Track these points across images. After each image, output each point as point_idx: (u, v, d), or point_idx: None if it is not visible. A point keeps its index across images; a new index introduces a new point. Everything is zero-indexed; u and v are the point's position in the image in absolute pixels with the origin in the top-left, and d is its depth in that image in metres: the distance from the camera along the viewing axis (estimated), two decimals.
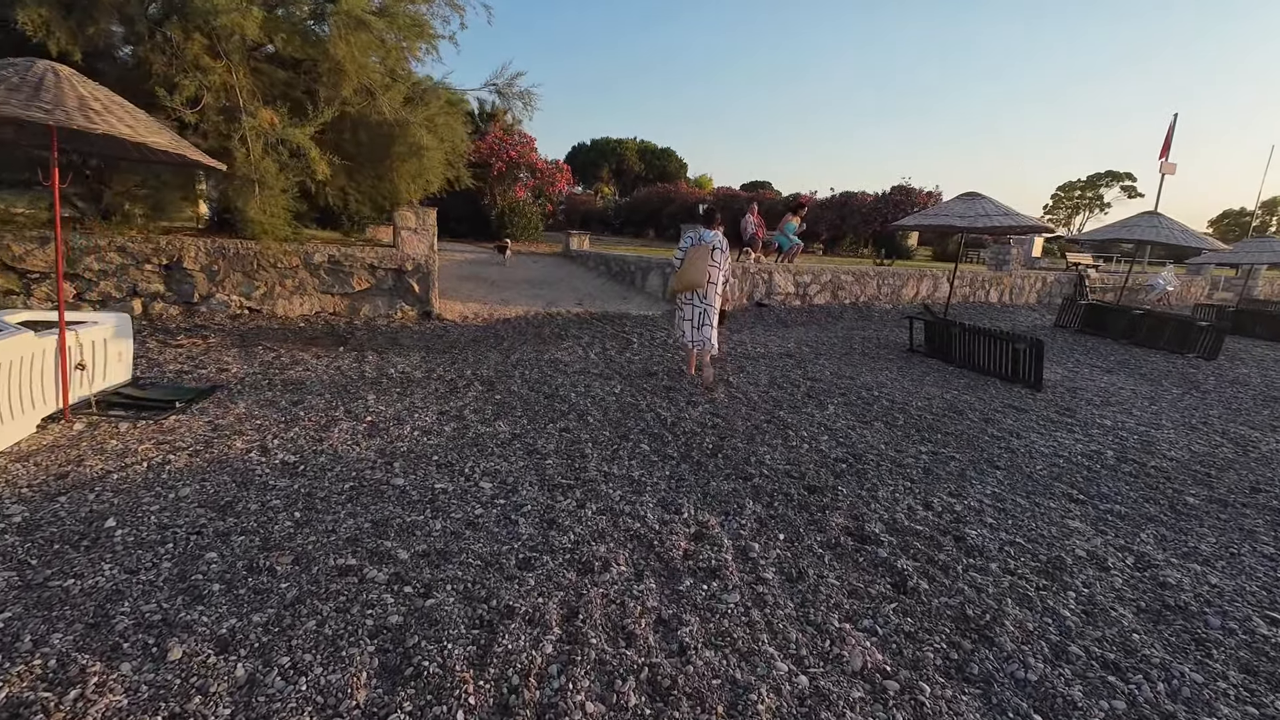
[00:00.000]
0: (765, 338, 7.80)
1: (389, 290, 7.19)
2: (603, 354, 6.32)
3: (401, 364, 5.37)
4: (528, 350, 6.26)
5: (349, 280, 6.92)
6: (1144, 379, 6.88)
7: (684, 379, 5.48)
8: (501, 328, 7.30)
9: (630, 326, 7.80)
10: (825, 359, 6.74)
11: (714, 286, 5.36)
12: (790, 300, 10.22)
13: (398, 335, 6.50)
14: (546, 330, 7.30)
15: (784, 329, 8.57)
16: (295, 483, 2.96)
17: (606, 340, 6.97)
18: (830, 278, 10.56)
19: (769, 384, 5.51)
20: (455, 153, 7.30)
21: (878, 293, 11.23)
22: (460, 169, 7.65)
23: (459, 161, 7.53)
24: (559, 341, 6.76)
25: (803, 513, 3.02)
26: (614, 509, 2.93)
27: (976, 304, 12.54)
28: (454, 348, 6.16)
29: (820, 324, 9.17)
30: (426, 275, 7.27)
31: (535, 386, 4.96)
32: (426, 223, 7.12)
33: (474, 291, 9.01)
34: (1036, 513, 3.17)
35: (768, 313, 9.55)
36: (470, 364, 5.55)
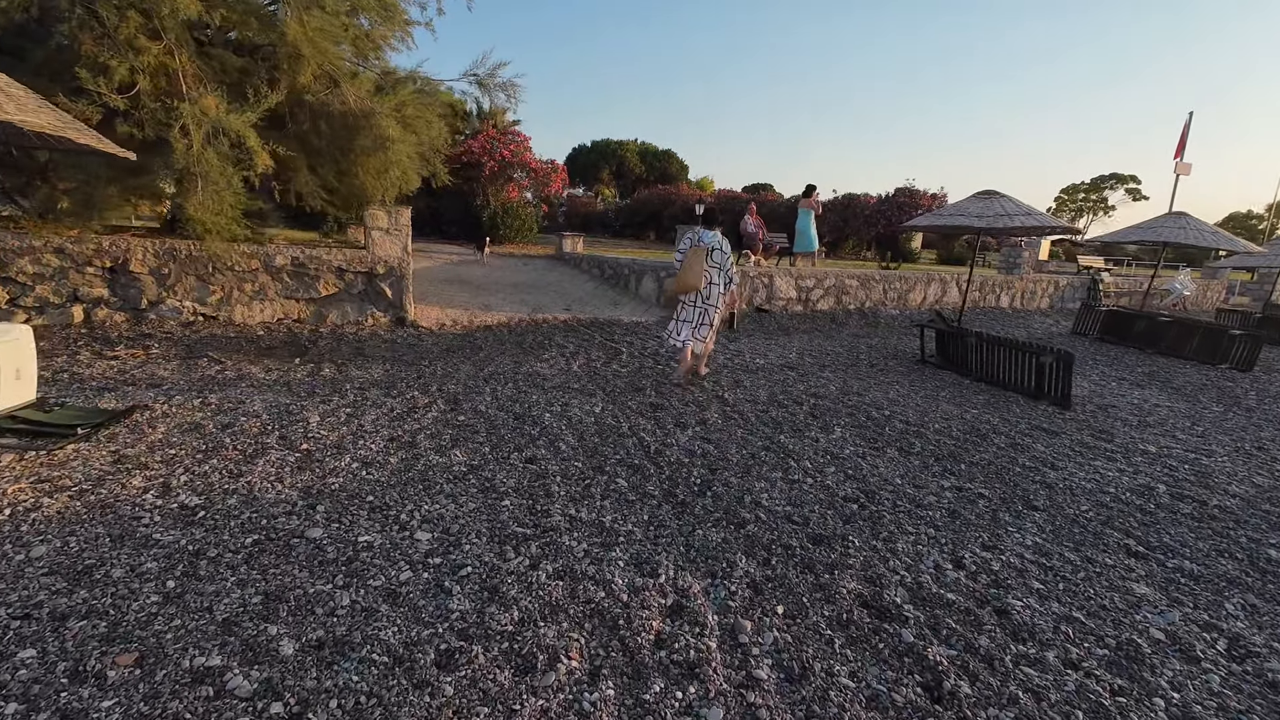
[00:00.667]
0: (765, 346, 7.26)
1: (359, 295, 6.66)
2: (587, 366, 5.78)
3: (360, 378, 4.84)
4: (505, 362, 5.72)
5: (314, 284, 6.40)
6: (1178, 394, 6.31)
7: (674, 393, 4.94)
8: (480, 336, 6.77)
9: (620, 335, 7.26)
10: (830, 371, 6.19)
11: (715, 287, 5.24)
12: (792, 305, 9.67)
13: (365, 344, 5.97)
14: (529, 339, 6.76)
15: (785, 336, 8.02)
16: (186, 536, 2.42)
17: (593, 350, 6.43)
18: (834, 282, 10.01)
19: (768, 401, 4.96)
20: (431, 148, 6.77)
21: (884, 298, 10.67)
22: (437, 165, 7.12)
23: (435, 157, 7.00)
24: (540, 352, 6.22)
25: (806, 573, 2.47)
26: (575, 570, 2.38)
27: (987, 309, 11.98)
28: (423, 359, 5.62)
29: (824, 331, 8.62)
30: (400, 279, 6.75)
31: (506, 405, 4.42)
32: (399, 223, 6.60)
33: (456, 296, 8.48)
34: (1091, 572, 2.61)
35: (768, 319, 9.00)
36: (437, 378, 5.02)
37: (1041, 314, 12.44)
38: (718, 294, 5.28)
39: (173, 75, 4.71)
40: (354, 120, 5.65)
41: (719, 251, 5.29)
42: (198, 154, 4.38)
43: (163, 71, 4.61)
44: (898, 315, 10.20)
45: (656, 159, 41.99)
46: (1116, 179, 65.00)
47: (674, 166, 41.92)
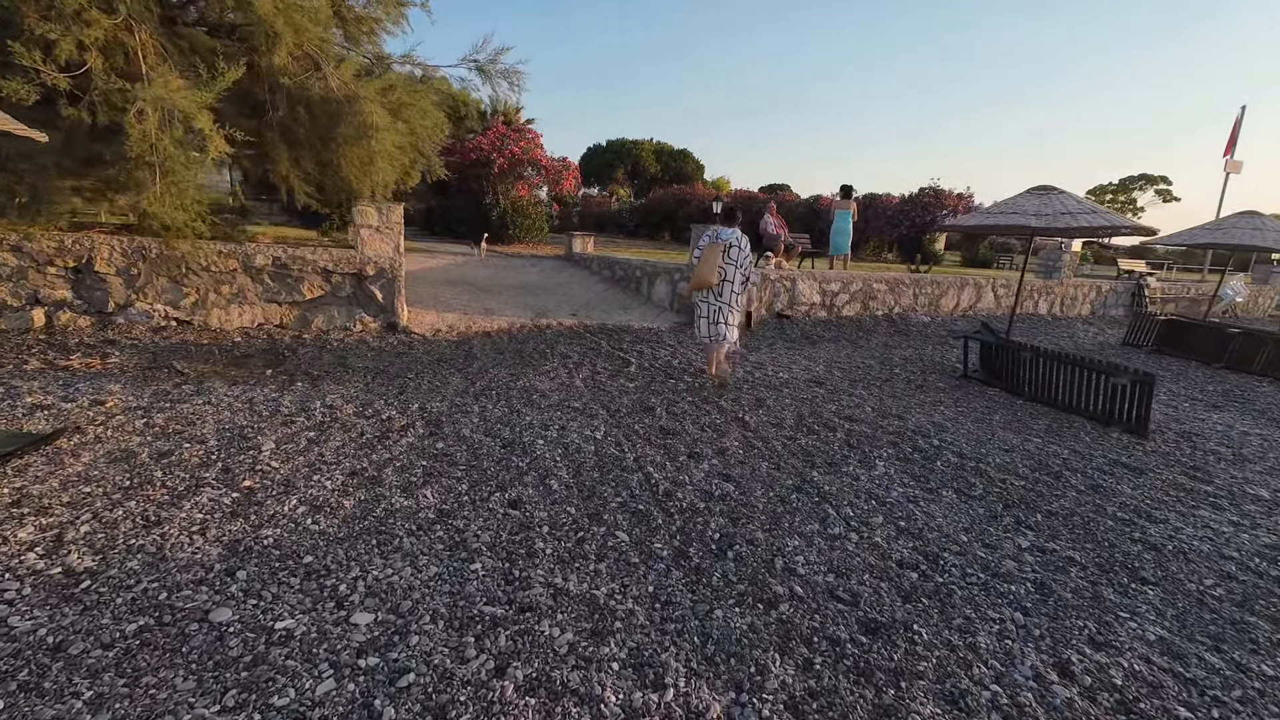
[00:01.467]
0: (789, 358, 6.60)
1: (347, 298, 6.14)
2: (591, 379, 5.19)
3: (334, 395, 4.30)
4: (500, 374, 5.15)
5: (298, 287, 5.89)
6: (1266, 419, 5.53)
7: (687, 414, 4.33)
8: (477, 343, 6.21)
9: (629, 343, 6.66)
10: (863, 388, 5.53)
11: (729, 285, 5.12)
12: (815, 311, 8.99)
13: (348, 353, 5.45)
14: (530, 347, 6.19)
15: (810, 346, 7.36)
16: (54, 619, 1.87)
17: (599, 360, 5.84)
18: (861, 286, 9.31)
19: (795, 425, 4.32)
20: (426, 138, 6.23)
21: (914, 303, 9.94)
22: (432, 159, 6.58)
23: (431, 150, 6.46)
24: (541, 362, 5.64)
25: (863, 685, 1.84)
26: (553, 678, 1.79)
27: (1024, 316, 11.16)
28: (410, 370, 5.08)
29: (851, 340, 7.93)
30: (391, 281, 6.22)
31: (494, 428, 3.85)
32: (390, 220, 6.07)
33: (455, 299, 7.95)
34: (1248, 688, 1.95)
35: (790, 326, 8.34)
36: (422, 394, 4.46)
37: (1084, 321, 11.59)
38: (731, 291, 5.12)
39: (131, 54, 4.21)
40: (335, 106, 5.13)
41: (737, 248, 5.12)
42: (153, 140, 3.87)
43: (119, 49, 4.12)
44: (929, 322, 9.46)
45: (672, 159, 41.40)
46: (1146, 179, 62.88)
47: (689, 166, 41.27)
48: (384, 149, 5.31)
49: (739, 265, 5.14)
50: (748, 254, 5.22)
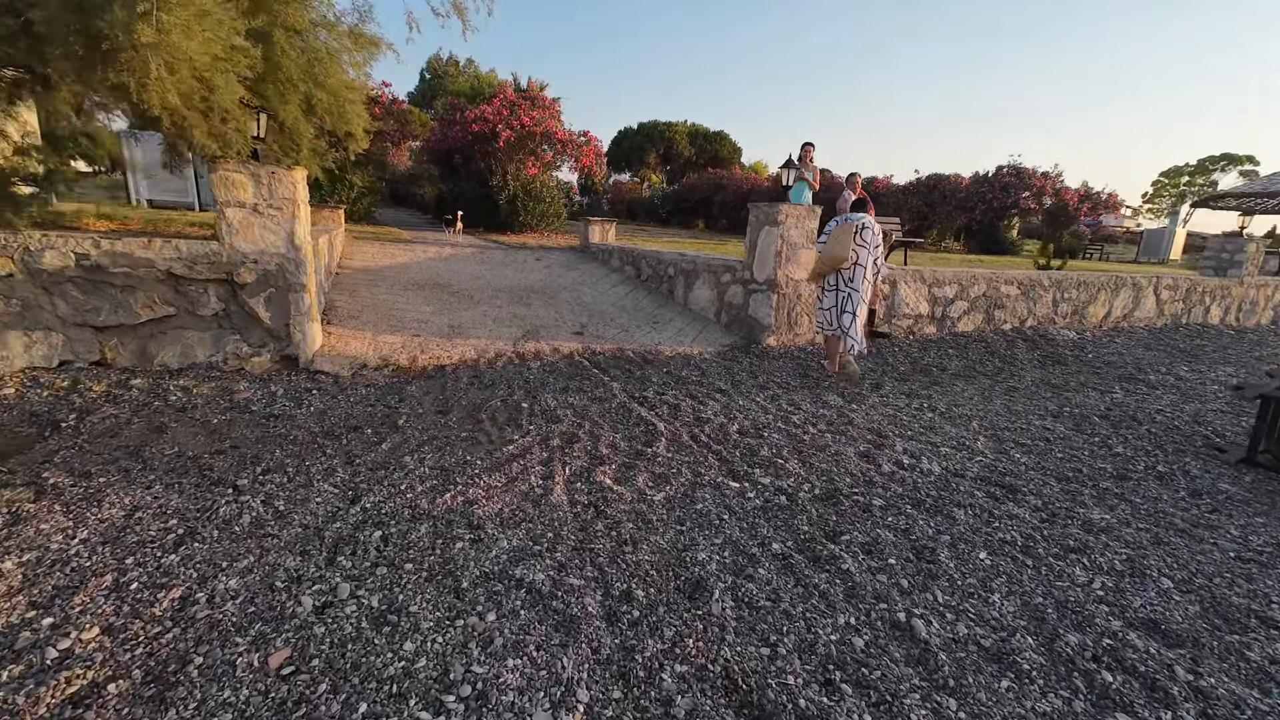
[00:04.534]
0: (913, 413, 4.08)
1: (212, 319, 3.91)
2: (585, 480, 2.81)
3: (55, 538, 2.04)
4: (421, 465, 2.83)
5: (127, 302, 3.68)
6: None
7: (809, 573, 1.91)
8: (415, 391, 3.91)
9: (658, 386, 4.26)
10: (1092, 499, 2.98)
11: (861, 270, 4.57)
12: (922, 326, 6.40)
13: (184, 417, 3.22)
14: (497, 398, 3.85)
15: (933, 386, 4.81)
16: None
17: (604, 428, 3.46)
18: (985, 290, 6.65)
19: (1047, 677, 1.85)
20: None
21: (1052, 312, 7.21)
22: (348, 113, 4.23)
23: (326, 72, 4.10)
24: (504, 435, 3.29)
25: None
26: None
27: (1191, 327, 8.26)
28: (259, 461, 2.80)
29: (990, 374, 5.33)
30: (285, 290, 3.95)
31: (333, 665, 1.52)
32: (277, 192, 3.79)
33: (414, 310, 5.67)
34: None
35: (892, 350, 5.79)
36: (234, 536, 2.17)
37: (1276, 333, 8.60)
38: (863, 277, 4.60)
39: None
40: None
41: (870, 230, 4.60)
42: None
43: None
44: (1078, 340, 6.73)
45: (708, 141, 38.59)
46: (1228, 159, 56.54)
47: (726, 149, 38.39)
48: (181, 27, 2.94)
49: (871, 249, 4.58)
50: (879, 240, 4.67)
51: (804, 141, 7.49)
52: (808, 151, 7.41)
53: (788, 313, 5.58)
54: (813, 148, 7.46)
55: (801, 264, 5.51)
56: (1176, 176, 60.77)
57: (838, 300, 4.64)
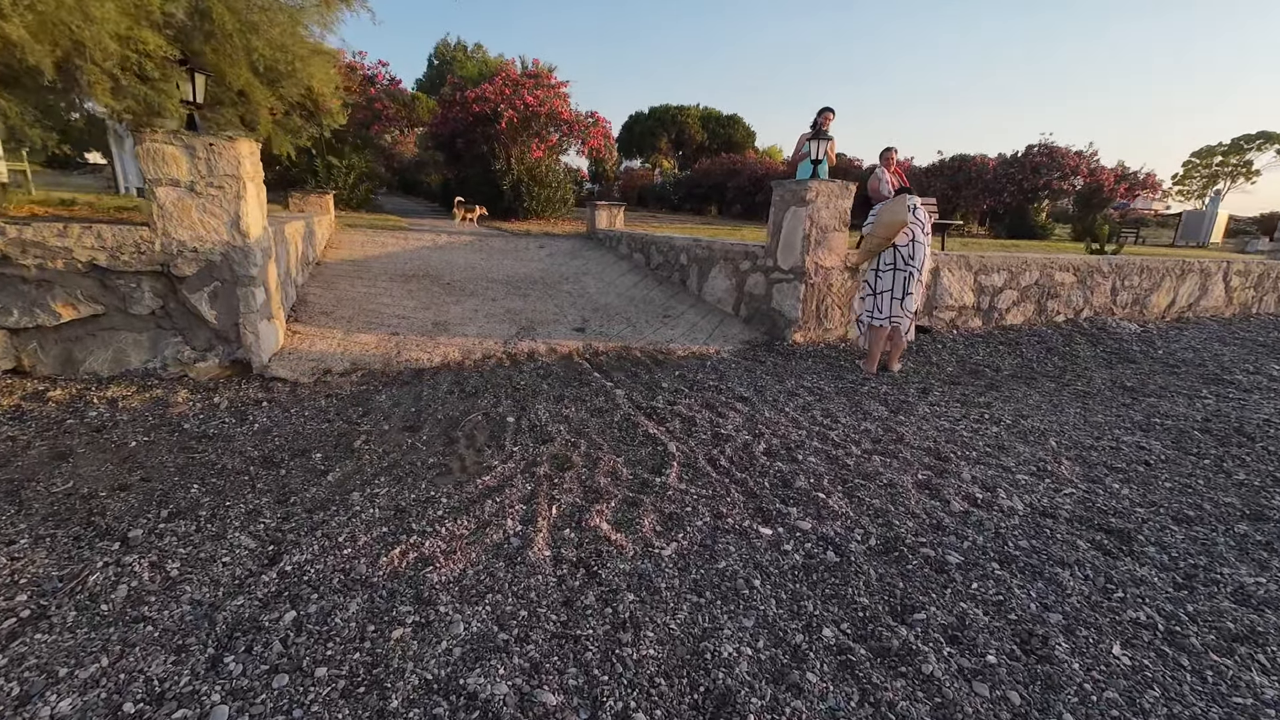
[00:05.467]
0: (967, 429, 3.42)
1: (149, 318, 3.36)
2: (575, 524, 2.21)
3: None
4: (373, 508, 2.25)
5: (46, 300, 3.14)
6: None
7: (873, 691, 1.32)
8: (386, 400, 3.33)
9: (670, 392, 3.64)
10: (1234, 553, 2.31)
11: (921, 246, 4.09)
12: (967, 319, 5.69)
13: (96, 438, 2.68)
14: (478, 412, 3.26)
15: (989, 392, 4.13)
16: None
17: (605, 445, 2.86)
18: (1037, 277, 5.91)
19: None
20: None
21: (1111, 302, 6.45)
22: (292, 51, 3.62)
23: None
24: (483, 458, 2.70)
25: None
26: None
27: (1263, 317, 7.43)
28: (171, 497, 2.24)
29: (1053, 376, 4.63)
30: (233, 284, 3.38)
31: None
32: (218, 168, 3.20)
33: (396, 305, 5.10)
34: None
35: (935, 346, 5.11)
36: (72, 646, 1.60)
37: None
38: (923, 254, 4.11)
39: None
40: None
41: (921, 209, 4.10)
42: None
43: None
44: (1143, 333, 5.97)
45: (720, 125, 37.61)
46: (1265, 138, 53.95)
47: (739, 133, 37.37)
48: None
49: (924, 226, 4.13)
50: (929, 223, 4.25)
51: (822, 106, 6.62)
52: (826, 118, 6.57)
53: (817, 305, 4.92)
54: (832, 114, 6.57)
55: (834, 248, 4.84)
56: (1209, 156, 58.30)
57: (895, 282, 4.11)
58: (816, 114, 6.44)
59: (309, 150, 10.65)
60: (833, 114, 6.49)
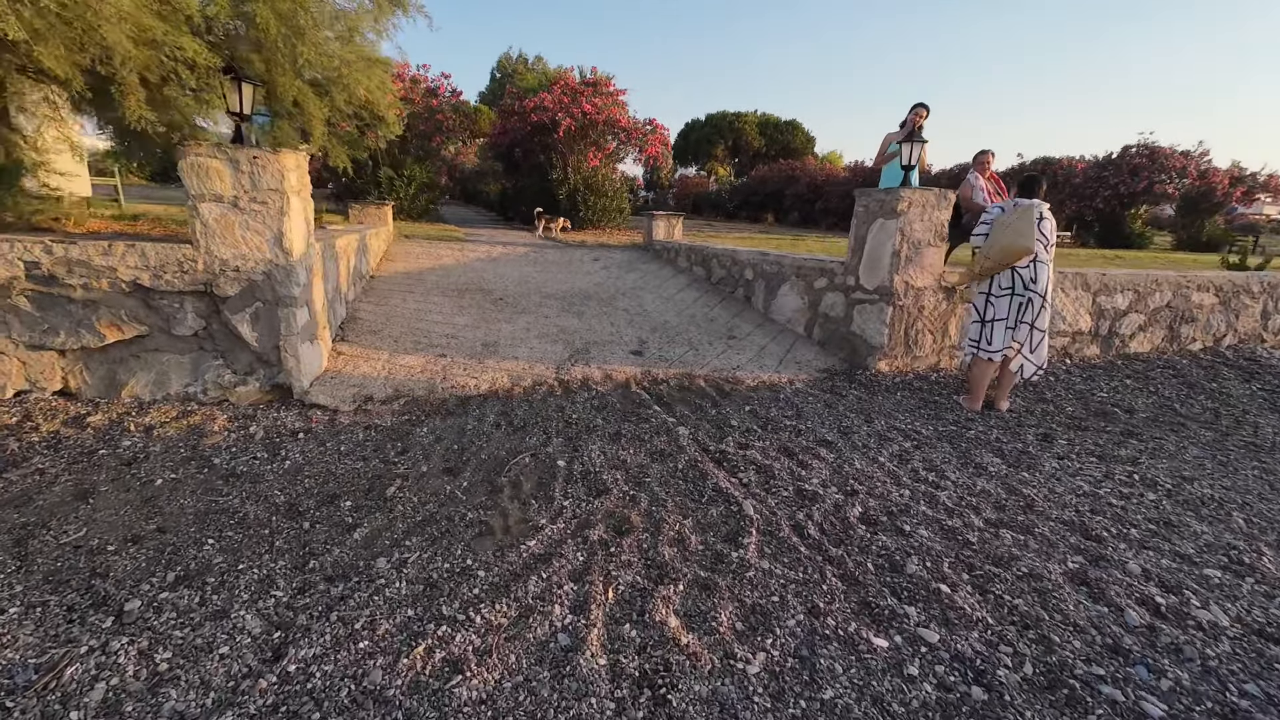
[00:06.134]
0: (1114, 494, 2.78)
1: (191, 339, 3.21)
2: (636, 615, 1.80)
3: None
4: (400, 581, 1.91)
5: (91, 320, 3.03)
6: None
7: None
8: (426, 436, 3.03)
9: (738, 437, 3.16)
10: None
11: (1045, 267, 3.45)
12: (1082, 345, 4.92)
13: (124, 472, 2.49)
14: (525, 451, 2.90)
15: (1129, 441, 3.42)
16: None
17: (666, 506, 2.43)
18: (1169, 298, 5.06)
19: None
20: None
21: (1261, 328, 5.47)
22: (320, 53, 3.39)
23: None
24: (527, 513, 2.32)
25: None
26: None
27: None
28: (160, 569, 1.97)
29: (1206, 421, 3.84)
30: (274, 304, 3.18)
31: None
32: (261, 183, 3.01)
33: (448, 321, 4.86)
34: None
35: (1046, 379, 4.40)
36: None
37: None
38: (1047, 276, 3.47)
39: None
40: None
41: (1048, 221, 3.44)
42: None
43: None
44: None
45: (778, 131, 36.80)
46: None
47: (798, 139, 36.43)
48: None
49: (1049, 245, 3.44)
50: (1054, 236, 3.50)
51: (914, 103, 5.56)
52: (919, 116, 5.52)
53: (905, 329, 4.33)
54: (926, 111, 5.52)
55: (927, 266, 4.24)
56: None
57: (1011, 309, 3.53)
58: (908, 111, 5.73)
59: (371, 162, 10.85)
60: (926, 111, 5.71)
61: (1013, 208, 3.41)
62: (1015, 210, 3.38)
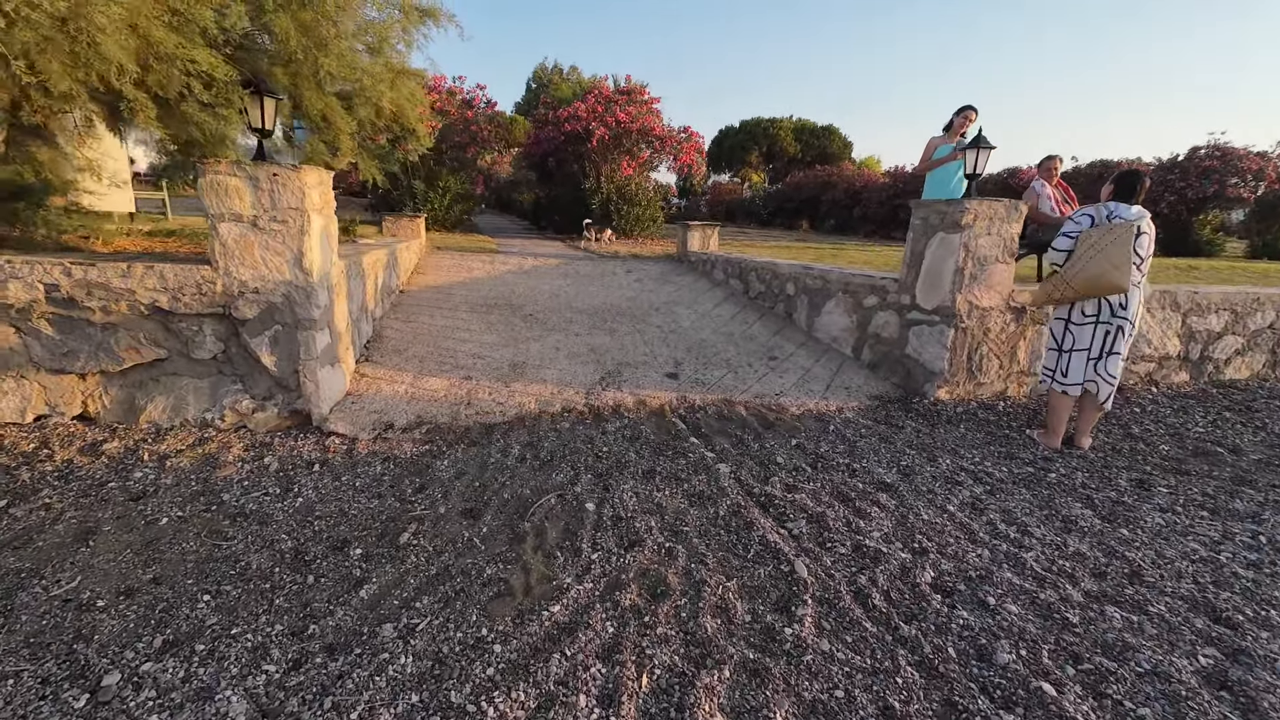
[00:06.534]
0: (1236, 559, 2.35)
1: (211, 363, 3.09)
2: (674, 710, 1.51)
3: None
4: (405, 655, 1.68)
5: (110, 343, 2.94)
6: None
7: None
8: (444, 473, 2.82)
9: (785, 477, 2.85)
10: None
11: (1137, 292, 3.04)
12: (1169, 372, 4.42)
13: (109, 520, 2.35)
14: (551, 490, 2.66)
15: (1244, 490, 2.96)
16: None
17: (707, 563, 2.14)
18: (1273, 319, 4.50)
19: None
20: None
21: None
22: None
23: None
24: (551, 568, 2.07)
25: None
26: None
27: None
28: (148, 632, 1.79)
29: None
30: (294, 328, 3.04)
31: None
32: (281, 201, 2.87)
33: (476, 339, 4.69)
34: None
35: (1130, 410, 3.93)
36: None
37: None
38: (1139, 301, 3.07)
39: None
40: None
41: (1147, 237, 2.98)
42: None
43: None
44: None
45: (814, 137, 36.11)
46: None
47: (835, 144, 35.65)
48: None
49: (1146, 261, 3.00)
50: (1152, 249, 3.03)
51: (961, 105, 5.18)
52: (966, 119, 5.14)
53: (969, 354, 3.93)
54: (974, 113, 5.16)
55: (994, 284, 3.84)
56: None
57: (1096, 338, 3.09)
58: (954, 114, 5.32)
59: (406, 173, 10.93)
60: (975, 113, 5.32)
61: (1105, 219, 2.99)
62: (1108, 228, 2.94)
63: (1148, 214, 2.99)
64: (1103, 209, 3.03)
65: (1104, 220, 2.99)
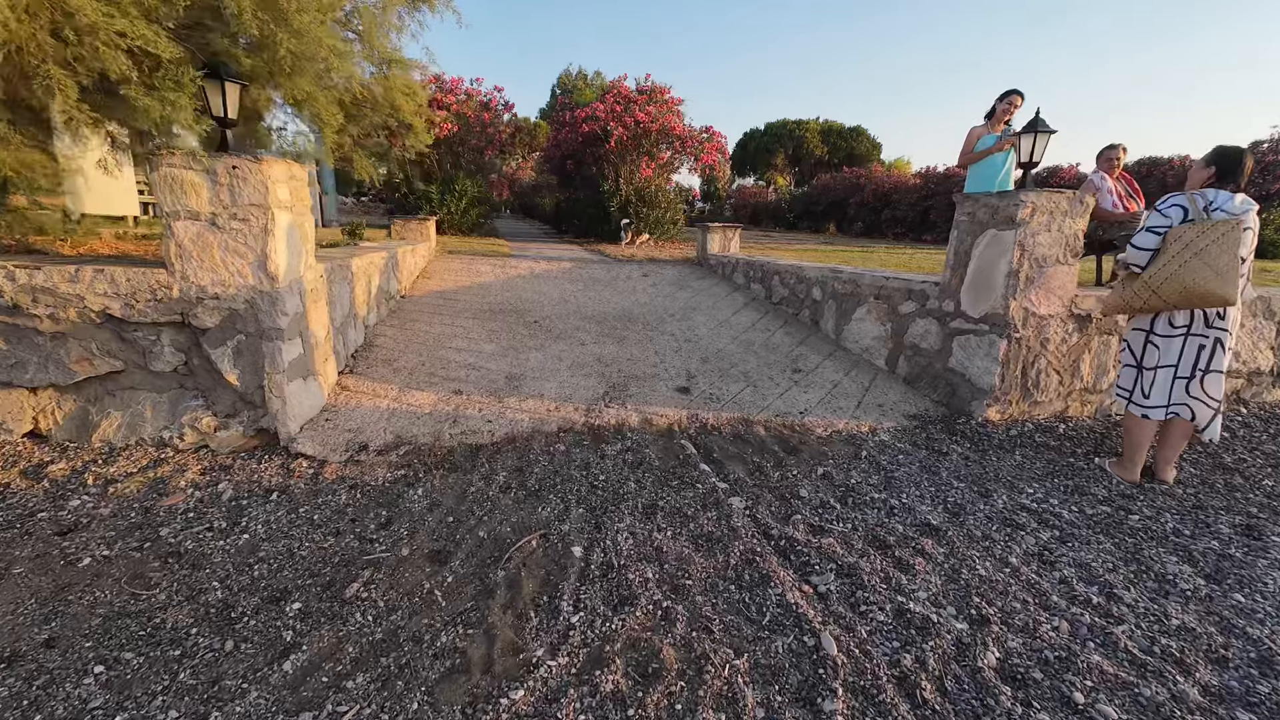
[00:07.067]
0: None
1: (171, 375, 2.81)
2: None
3: None
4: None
5: (58, 354, 2.67)
6: None
7: None
8: (417, 504, 2.47)
9: (809, 516, 2.41)
10: None
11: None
12: (1261, 389, 3.84)
13: (24, 561, 2.05)
14: (534, 530, 2.28)
15: None
16: None
17: (712, 629, 1.73)
18: None
19: None
20: None
21: None
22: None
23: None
24: (521, 637, 1.69)
25: None
26: None
27: None
28: (58, 691, 1.46)
29: None
30: (258, 338, 2.74)
31: None
32: (241, 197, 2.57)
33: (472, 348, 4.36)
34: None
35: (1223, 455, 3.37)
36: None
37: None
38: (1238, 309, 2.59)
39: None
40: None
41: (1253, 232, 2.51)
42: None
43: None
44: None
45: (842, 138, 35.32)
46: None
47: (863, 146, 34.79)
48: None
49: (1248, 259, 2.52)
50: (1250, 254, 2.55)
51: (1005, 90, 4.69)
52: (1012, 104, 4.67)
53: (1023, 368, 3.43)
54: (1020, 98, 4.69)
55: (1055, 289, 3.34)
56: None
57: (1186, 352, 2.59)
58: (997, 100, 4.80)
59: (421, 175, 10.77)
60: (1021, 98, 4.80)
61: (1202, 213, 2.48)
62: (1207, 224, 2.42)
63: (1255, 204, 2.48)
64: (1199, 198, 2.52)
65: (1201, 214, 2.48)
